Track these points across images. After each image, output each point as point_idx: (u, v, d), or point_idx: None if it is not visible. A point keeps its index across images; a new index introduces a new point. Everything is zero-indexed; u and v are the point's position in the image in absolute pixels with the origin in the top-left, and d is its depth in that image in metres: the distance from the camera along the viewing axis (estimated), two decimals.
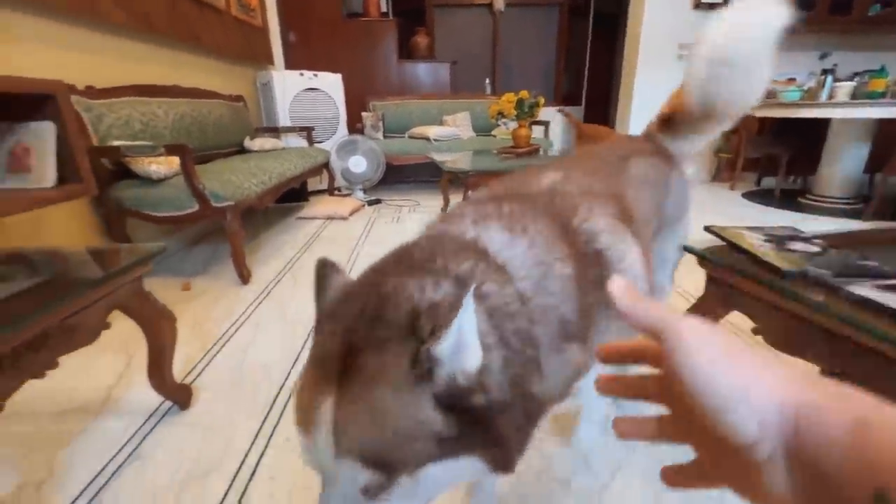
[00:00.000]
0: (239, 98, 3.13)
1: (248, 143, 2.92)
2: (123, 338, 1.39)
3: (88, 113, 1.73)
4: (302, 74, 3.48)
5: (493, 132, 4.17)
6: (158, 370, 1.02)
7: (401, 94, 4.32)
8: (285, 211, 3.20)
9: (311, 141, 3.39)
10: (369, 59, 4.23)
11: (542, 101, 2.60)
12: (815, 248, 0.83)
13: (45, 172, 1.35)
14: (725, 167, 4.19)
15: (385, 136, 4.02)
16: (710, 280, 0.89)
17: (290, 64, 3.98)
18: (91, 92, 1.79)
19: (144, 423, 1.05)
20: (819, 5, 3.55)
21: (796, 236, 0.91)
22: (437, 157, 2.82)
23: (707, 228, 1.01)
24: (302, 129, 3.40)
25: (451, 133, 3.80)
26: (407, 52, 4.69)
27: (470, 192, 2.18)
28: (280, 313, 1.60)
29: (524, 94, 2.54)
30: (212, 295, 1.76)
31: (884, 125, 3.10)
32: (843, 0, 3.53)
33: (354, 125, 3.95)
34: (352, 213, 3.06)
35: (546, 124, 3.89)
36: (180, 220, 1.75)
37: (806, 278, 0.71)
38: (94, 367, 1.28)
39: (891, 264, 0.80)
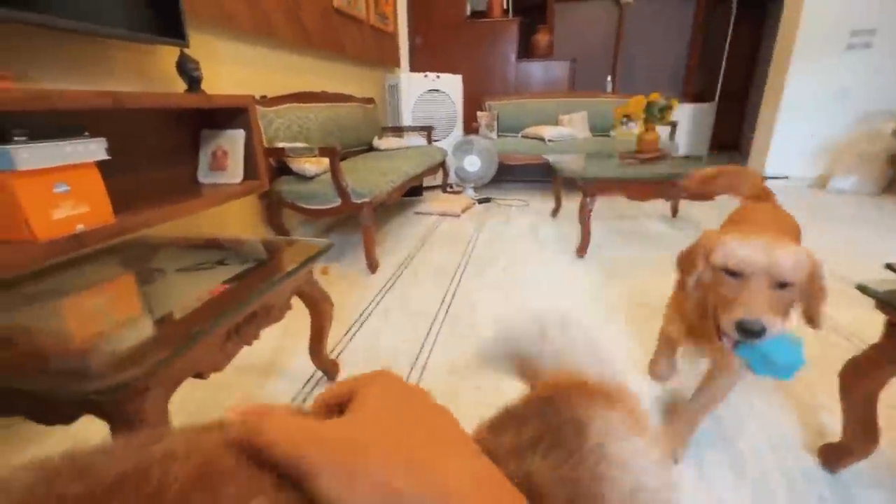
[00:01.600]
0: (370, 100, 3.42)
1: (376, 142, 3.18)
2: None
3: (262, 119, 2.06)
4: (426, 76, 3.66)
5: (611, 132, 3.97)
6: (318, 345, 1.21)
7: (517, 93, 4.31)
8: (405, 205, 3.40)
9: (430, 140, 3.56)
10: (488, 59, 4.28)
11: (676, 103, 2.42)
12: None
13: (236, 171, 1.66)
14: None
15: (499, 135, 4.05)
16: (891, 328, 0.79)
17: (415, 66, 4.21)
18: (264, 101, 2.12)
19: (304, 386, 1.26)
20: None
21: None
22: (552, 159, 2.79)
23: (890, 266, 0.89)
24: (423, 128, 3.58)
25: (566, 133, 3.72)
26: (527, 50, 4.66)
27: (589, 198, 2.13)
28: (403, 303, 1.76)
29: (655, 96, 2.40)
30: (347, 281, 1.99)
31: None
32: None
33: (470, 124, 4.05)
34: (464, 211, 3.17)
35: (673, 125, 3.60)
36: (325, 213, 2.00)
37: None
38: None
39: None
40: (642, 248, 2.39)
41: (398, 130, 3.57)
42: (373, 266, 2.06)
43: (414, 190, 3.60)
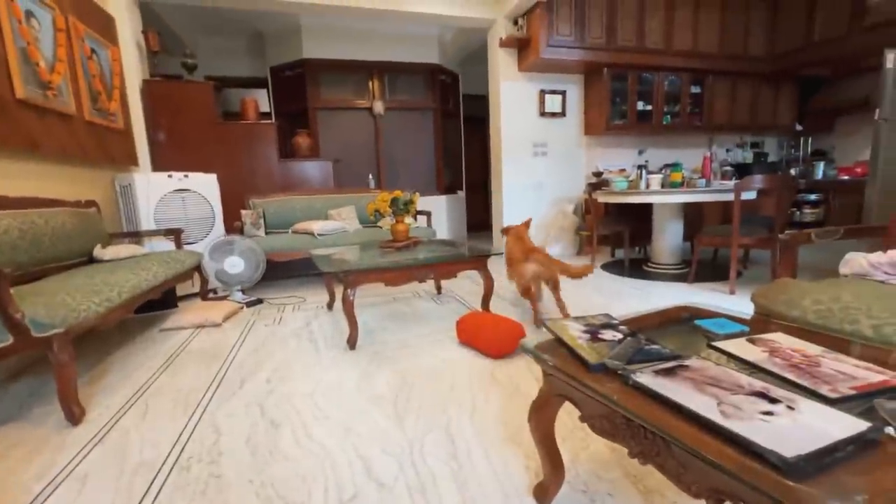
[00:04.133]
0: (90, 203, 2.85)
1: (98, 252, 2.62)
2: None
3: None
4: (170, 176, 3.32)
5: (380, 223, 4.31)
6: None
7: (284, 190, 4.32)
8: (147, 322, 2.87)
9: (178, 244, 3.16)
10: (248, 159, 4.23)
11: (417, 197, 2.80)
12: (619, 336, 1.00)
13: None
14: (586, 243, 4.85)
15: (267, 233, 3.91)
16: (545, 375, 0.99)
17: (160, 165, 3.80)
18: None
19: None
20: (629, 116, 4.54)
21: (608, 324, 1.08)
22: (314, 253, 2.81)
23: (542, 322, 1.15)
24: (168, 231, 3.16)
25: (336, 227, 3.85)
26: (289, 151, 4.79)
27: (349, 290, 2.19)
28: (119, 457, 1.36)
29: (397, 193, 2.73)
30: (26, 448, 1.43)
31: (686, 206, 3.94)
32: (646, 111, 4.60)
33: (232, 224, 3.80)
34: (226, 319, 2.84)
35: (428, 215, 4.15)
36: None
37: (606, 369, 0.84)
38: None
39: (671, 342, 0.98)
40: (412, 327, 2.54)
41: (135, 236, 3.07)
42: (74, 416, 1.56)
43: (163, 302, 3.06)
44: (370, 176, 5.57)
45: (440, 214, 5.70)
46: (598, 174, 4.81)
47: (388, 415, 1.56)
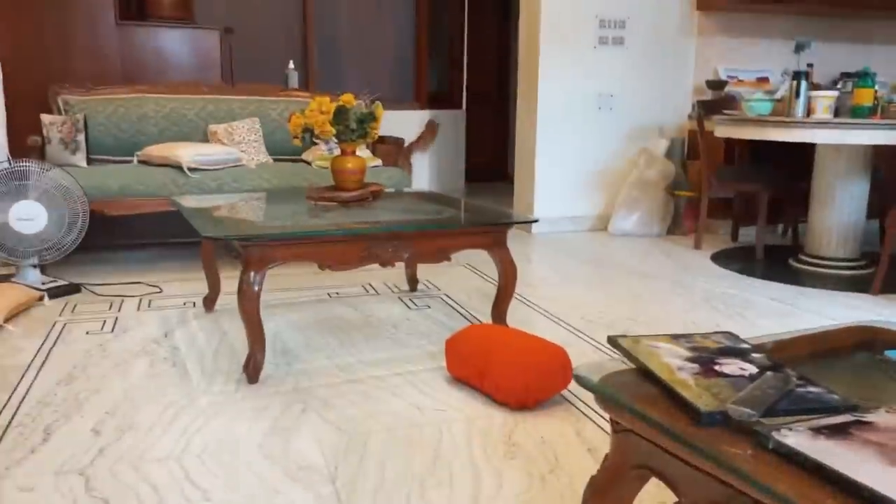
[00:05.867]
0: None
1: None
2: None
3: None
4: None
5: (304, 155, 4.30)
6: None
7: (127, 83, 4.26)
8: None
9: None
10: (60, 19, 4.14)
11: (381, 110, 2.80)
12: (751, 369, 1.03)
13: None
14: (686, 212, 4.92)
15: (91, 162, 3.86)
16: (616, 427, 1.03)
17: None
18: None
19: None
20: None
21: (733, 349, 1.12)
22: (190, 205, 2.79)
23: (611, 340, 1.18)
24: None
25: (224, 156, 3.82)
26: (137, 8, 4.70)
27: (253, 273, 2.19)
28: None
29: (348, 98, 2.72)
30: None
31: (879, 155, 4.00)
32: None
33: (24, 141, 3.75)
34: (11, 316, 2.85)
35: (398, 143, 4.15)
36: None
37: (729, 422, 0.87)
38: None
39: (841, 383, 1.03)
40: (364, 348, 2.60)
41: None
42: None
43: None
44: (290, 66, 5.51)
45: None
46: (716, 84, 4.84)
47: (322, 499, 1.59)
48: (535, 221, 2.62)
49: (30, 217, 3.13)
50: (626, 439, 1.00)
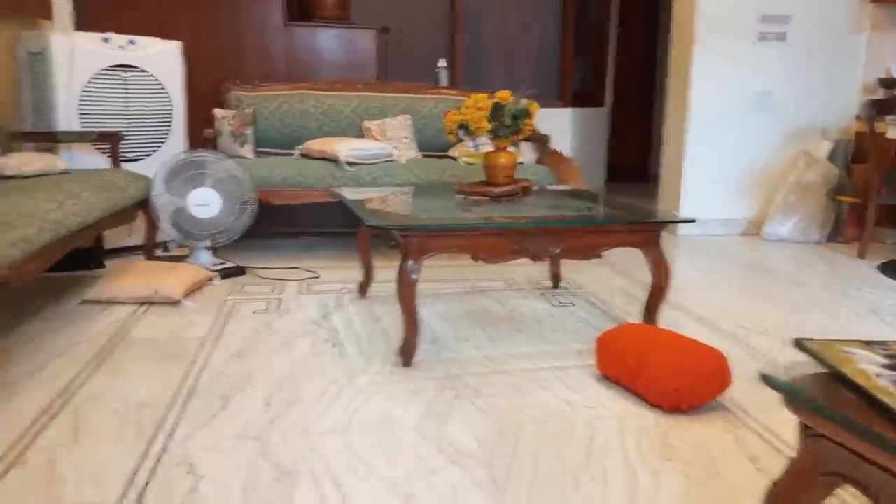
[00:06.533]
0: None
1: None
2: None
3: None
4: (107, 40, 3.58)
5: (451, 151, 4.39)
6: None
7: (290, 80, 4.50)
8: (59, 287, 3.16)
9: (116, 158, 3.43)
10: (232, 21, 4.42)
11: (535, 106, 2.82)
12: None
13: None
14: (849, 219, 4.63)
15: (258, 154, 4.11)
16: (806, 432, 1.00)
17: (88, 22, 4.09)
18: None
19: None
20: None
21: None
22: (350, 195, 2.93)
23: (798, 343, 1.14)
24: (101, 136, 3.43)
25: (378, 150, 3.96)
26: (303, 9, 4.95)
27: (412, 262, 2.28)
28: (44, 499, 1.55)
29: (504, 94, 2.76)
30: None
31: None
32: None
33: (200, 133, 4.05)
34: (188, 294, 3.08)
35: (543, 141, 4.16)
36: None
37: None
38: None
39: None
40: (509, 341, 2.63)
41: (48, 138, 3.37)
42: None
43: (82, 256, 3.37)
44: (440, 64, 5.62)
45: (563, 143, 5.68)
46: (890, 83, 4.51)
47: (479, 484, 1.63)
48: (692, 221, 2.54)
49: (205, 203, 3.39)
50: (818, 445, 0.97)
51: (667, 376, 2.02)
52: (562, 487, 1.63)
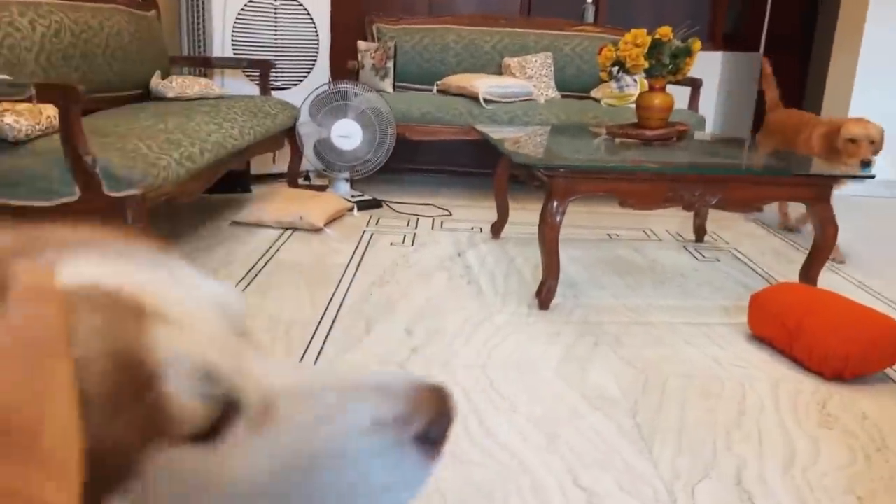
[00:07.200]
0: (150, 4, 3.31)
1: (157, 83, 3.07)
2: None
3: None
4: None
5: (593, 92, 4.25)
6: None
7: (432, 14, 4.47)
8: (212, 207, 3.30)
9: (266, 87, 3.53)
10: None
11: (698, 44, 2.67)
12: None
13: None
14: None
15: (397, 89, 4.13)
16: None
17: None
18: None
19: None
20: None
21: None
22: (491, 133, 2.88)
23: None
24: (252, 64, 3.52)
25: (518, 89, 3.89)
26: None
27: (556, 203, 2.23)
28: None
29: (665, 31, 2.62)
30: None
31: None
32: None
33: (343, 65, 4.10)
34: (330, 222, 3.16)
35: (696, 85, 3.96)
36: (47, 215, 1.84)
37: None
38: None
39: None
40: (650, 292, 2.57)
41: (205, 64, 3.50)
42: None
43: (232, 181, 3.52)
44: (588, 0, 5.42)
45: (709, 89, 5.39)
46: None
47: (623, 431, 1.61)
48: (872, 177, 2.34)
49: (348, 134, 3.45)
50: None
51: (831, 342, 1.89)
52: (713, 443, 1.58)
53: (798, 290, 2.18)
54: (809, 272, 2.40)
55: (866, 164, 2.76)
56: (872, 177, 2.40)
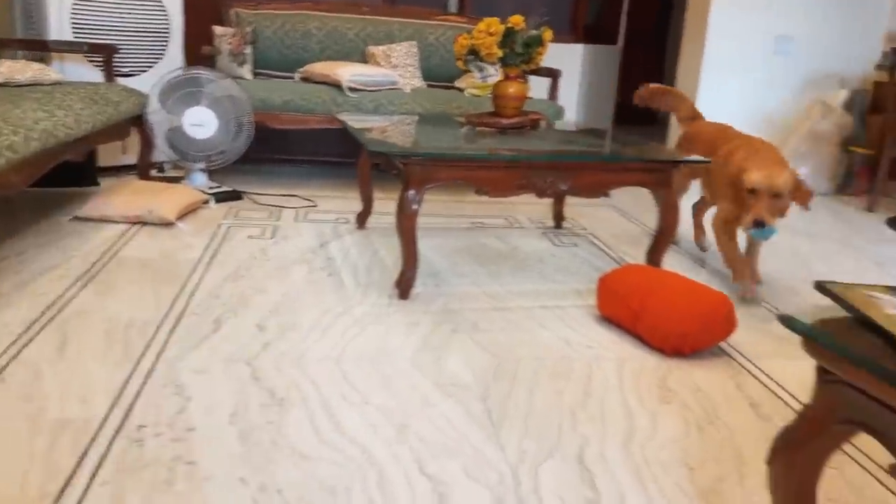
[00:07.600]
0: None
1: None
2: None
3: None
4: None
5: (457, 82, 4.29)
6: None
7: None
8: (49, 202, 3.13)
9: (110, 73, 3.36)
10: None
11: (549, 33, 2.73)
12: None
13: None
14: (860, 171, 4.56)
15: (256, 75, 4.01)
16: (823, 377, 0.96)
17: None
18: None
19: None
20: None
21: None
22: (353, 122, 2.85)
23: (819, 286, 1.10)
24: (94, 48, 3.34)
25: (380, 78, 3.86)
26: None
27: (413, 191, 2.22)
28: (26, 410, 1.53)
29: (517, 20, 2.66)
30: None
31: None
32: None
33: (198, 50, 3.94)
34: (182, 215, 3.05)
35: (555, 75, 4.06)
36: None
37: None
38: None
39: None
40: (509, 278, 2.61)
41: (40, 47, 3.33)
42: None
43: (75, 173, 3.32)
44: None
45: (570, 81, 5.56)
46: None
47: (474, 417, 1.62)
48: (707, 162, 2.46)
49: (201, 123, 3.31)
50: (836, 391, 0.93)
51: (670, 319, 1.99)
52: (559, 424, 1.61)
53: (641, 271, 2.28)
54: (654, 254, 2.52)
55: (758, 224, 2.27)
56: (707, 162, 2.50)
